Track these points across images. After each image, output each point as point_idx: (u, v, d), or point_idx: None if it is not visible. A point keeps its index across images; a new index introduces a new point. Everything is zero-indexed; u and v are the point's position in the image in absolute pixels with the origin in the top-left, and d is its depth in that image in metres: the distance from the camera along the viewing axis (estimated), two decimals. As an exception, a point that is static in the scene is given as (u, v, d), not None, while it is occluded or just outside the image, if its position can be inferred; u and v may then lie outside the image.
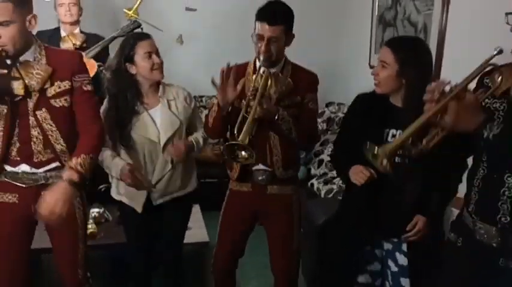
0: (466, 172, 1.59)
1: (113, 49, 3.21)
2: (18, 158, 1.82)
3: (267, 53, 1.94)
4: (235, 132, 1.84)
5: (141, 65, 2.06)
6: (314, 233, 2.72)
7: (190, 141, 2.18)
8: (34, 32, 1.81)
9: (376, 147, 1.47)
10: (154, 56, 2.06)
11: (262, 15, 1.95)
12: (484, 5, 2.48)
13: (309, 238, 2.82)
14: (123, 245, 2.40)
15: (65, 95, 1.80)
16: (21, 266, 1.94)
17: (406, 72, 1.73)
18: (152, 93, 2.15)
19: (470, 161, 1.59)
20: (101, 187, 2.84)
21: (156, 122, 2.13)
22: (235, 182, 2.19)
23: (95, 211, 2.87)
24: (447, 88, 1.35)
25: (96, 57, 3.16)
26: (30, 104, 1.77)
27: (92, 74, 2.97)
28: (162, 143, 2.12)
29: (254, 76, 1.98)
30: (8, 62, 1.73)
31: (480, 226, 1.45)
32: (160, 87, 2.16)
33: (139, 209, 2.16)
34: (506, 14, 1.36)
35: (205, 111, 4.36)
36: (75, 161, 1.78)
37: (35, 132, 1.79)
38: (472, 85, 1.55)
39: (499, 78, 1.38)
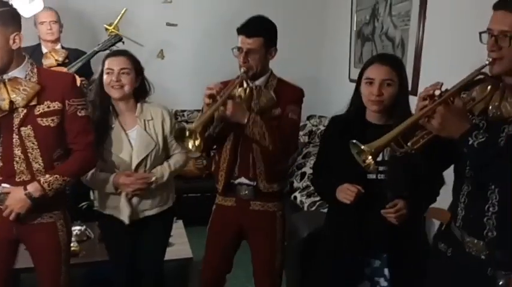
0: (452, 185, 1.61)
1: (94, 63, 3.22)
2: (0, 177, 1.80)
3: (246, 64, 1.97)
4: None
5: (104, 79, 2.10)
6: (298, 246, 2.73)
7: (151, 177, 2.11)
8: None
9: (361, 145, 1.46)
10: (114, 74, 2.06)
11: (241, 28, 2.01)
12: (458, 21, 2.56)
13: (293, 251, 2.82)
14: (105, 263, 2.37)
15: (53, 115, 1.79)
16: None
17: (402, 88, 1.77)
18: (129, 113, 2.15)
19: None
20: (82, 204, 2.81)
21: (132, 143, 2.12)
22: (221, 197, 2.19)
23: (76, 229, 2.83)
24: (437, 92, 1.39)
25: (78, 72, 3.14)
26: (16, 120, 1.76)
27: None
28: (133, 165, 2.11)
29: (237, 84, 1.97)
30: None
31: (468, 240, 1.49)
32: (138, 105, 2.16)
33: (126, 220, 2.13)
34: (480, 33, 1.40)
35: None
36: (45, 178, 1.78)
37: (18, 151, 1.78)
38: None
39: (489, 87, 1.41)
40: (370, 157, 1.45)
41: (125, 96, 2.11)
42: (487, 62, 1.38)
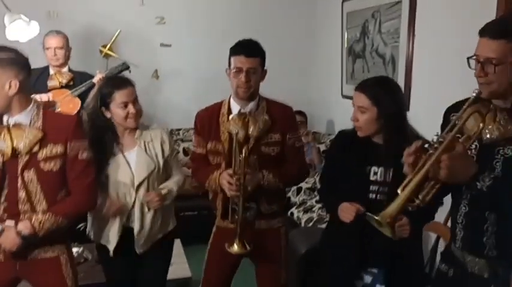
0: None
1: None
2: (6, 215, 1.79)
3: (247, 84, 1.98)
4: (229, 217, 2.00)
5: (115, 113, 2.06)
6: (296, 263, 2.73)
7: (163, 193, 2.10)
8: None
9: (375, 216, 1.39)
10: (130, 106, 2.04)
11: (238, 49, 2.00)
12: (445, 37, 2.63)
13: (291, 267, 2.82)
14: (104, 285, 2.35)
15: (55, 159, 1.78)
16: None
17: (385, 113, 1.77)
18: (129, 135, 2.14)
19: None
20: (79, 226, 2.78)
21: (131, 165, 2.10)
22: (221, 220, 2.16)
23: (74, 251, 2.80)
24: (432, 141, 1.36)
25: (81, 96, 3.13)
26: (20, 164, 1.75)
27: (74, 112, 3.03)
28: (135, 185, 2.09)
29: (230, 118, 2.00)
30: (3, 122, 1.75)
31: (470, 259, 1.48)
32: (138, 131, 2.14)
33: (111, 249, 2.10)
34: (468, 58, 1.41)
35: (183, 144, 4.41)
36: (37, 217, 1.76)
37: (22, 194, 1.77)
38: (438, 120, 1.59)
39: (481, 124, 1.38)
40: (387, 229, 1.38)
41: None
42: (474, 95, 1.37)
